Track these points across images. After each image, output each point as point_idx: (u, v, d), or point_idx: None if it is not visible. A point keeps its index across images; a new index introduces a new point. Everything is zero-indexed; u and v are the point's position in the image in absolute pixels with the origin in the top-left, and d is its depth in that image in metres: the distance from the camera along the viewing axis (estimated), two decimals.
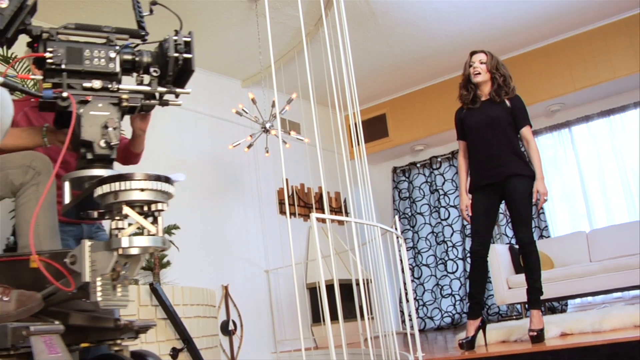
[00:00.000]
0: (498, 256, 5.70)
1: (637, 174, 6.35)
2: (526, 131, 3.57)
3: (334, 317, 2.71)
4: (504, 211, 6.54)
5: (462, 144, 3.75)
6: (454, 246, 7.33)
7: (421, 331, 7.10)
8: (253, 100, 5.13)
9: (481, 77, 3.60)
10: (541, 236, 6.68)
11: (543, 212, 6.75)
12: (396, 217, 4.10)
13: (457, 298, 7.18)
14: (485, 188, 3.56)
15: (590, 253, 5.93)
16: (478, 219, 3.54)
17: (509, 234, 6.81)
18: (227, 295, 5.57)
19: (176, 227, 4.69)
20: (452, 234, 7.36)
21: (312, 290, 6.20)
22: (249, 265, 6.03)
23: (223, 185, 6.06)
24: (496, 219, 4.00)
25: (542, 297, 3.51)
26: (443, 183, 7.54)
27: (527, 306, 3.77)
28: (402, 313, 7.00)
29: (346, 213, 7.25)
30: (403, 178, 7.86)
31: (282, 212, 6.60)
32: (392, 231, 3.58)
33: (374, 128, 7.61)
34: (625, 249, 5.44)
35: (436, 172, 7.61)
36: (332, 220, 3.38)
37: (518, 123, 3.57)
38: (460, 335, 3.68)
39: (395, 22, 5.85)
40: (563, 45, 6.59)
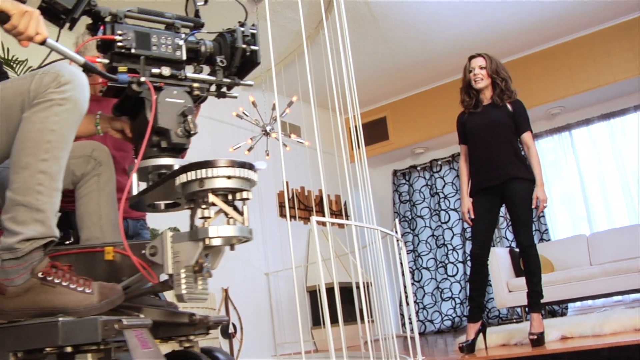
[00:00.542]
0: (498, 259, 5.70)
1: (638, 177, 6.35)
2: (527, 137, 3.58)
3: (334, 320, 2.71)
4: (504, 214, 6.53)
5: (464, 148, 3.76)
6: (454, 249, 7.33)
7: (421, 334, 7.08)
8: (253, 103, 5.13)
9: (483, 83, 3.61)
10: (541, 239, 6.68)
11: (543, 216, 6.75)
12: (396, 220, 4.10)
13: (457, 301, 7.17)
14: (486, 191, 3.57)
15: (590, 256, 5.92)
16: (478, 222, 3.54)
17: (510, 237, 6.80)
18: (227, 298, 5.56)
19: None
20: (453, 237, 7.36)
21: (312, 293, 6.20)
22: (249, 268, 6.03)
23: None
24: (496, 222, 4.00)
25: (543, 301, 3.51)
26: (443, 186, 7.54)
27: (528, 309, 3.77)
28: (402, 316, 6.98)
29: (346, 216, 7.25)
30: (403, 181, 7.85)
31: (283, 215, 6.60)
32: (393, 234, 3.58)
33: (375, 131, 7.61)
34: (625, 253, 5.44)
35: (436, 175, 7.61)
36: (333, 223, 3.38)
37: (519, 128, 3.58)
38: (460, 338, 3.68)
39: (395, 25, 5.85)
40: (563, 48, 6.59)
